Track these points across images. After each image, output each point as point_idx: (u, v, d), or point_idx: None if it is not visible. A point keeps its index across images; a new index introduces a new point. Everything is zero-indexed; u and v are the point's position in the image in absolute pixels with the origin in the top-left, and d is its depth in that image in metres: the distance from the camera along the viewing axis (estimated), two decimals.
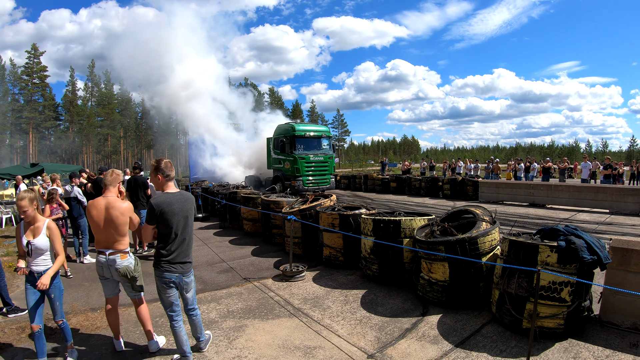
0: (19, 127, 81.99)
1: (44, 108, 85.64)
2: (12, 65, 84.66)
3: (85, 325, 6.06)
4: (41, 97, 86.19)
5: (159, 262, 4.60)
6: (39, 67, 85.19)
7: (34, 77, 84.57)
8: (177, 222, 4.63)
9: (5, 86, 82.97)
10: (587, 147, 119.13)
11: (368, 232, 7.55)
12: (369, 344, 5.20)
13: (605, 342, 4.93)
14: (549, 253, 4.93)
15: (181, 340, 4.68)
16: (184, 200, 4.76)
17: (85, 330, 5.86)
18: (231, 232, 13.44)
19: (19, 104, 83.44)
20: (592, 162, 23.13)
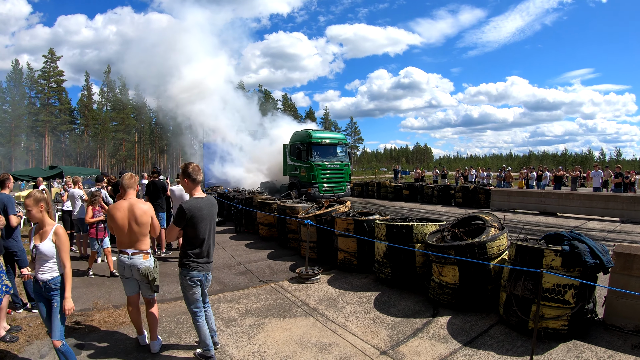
0: (35, 130, 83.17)
1: (60, 112, 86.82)
2: (29, 69, 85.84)
3: (109, 321, 6.36)
4: (57, 101, 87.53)
5: (188, 262, 4.82)
6: (55, 71, 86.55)
7: (51, 81, 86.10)
8: (205, 226, 4.91)
9: (22, 89, 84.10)
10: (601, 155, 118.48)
11: (382, 236, 7.82)
12: (381, 342, 5.48)
13: (608, 343, 5.13)
14: (554, 257, 5.18)
15: (205, 335, 4.92)
16: (211, 205, 5.02)
17: (109, 327, 6.14)
18: (247, 236, 13.74)
19: (35, 107, 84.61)
20: (604, 170, 23.12)
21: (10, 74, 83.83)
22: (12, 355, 5.23)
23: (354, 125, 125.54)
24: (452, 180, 35.59)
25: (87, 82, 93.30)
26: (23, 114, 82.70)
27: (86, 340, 5.63)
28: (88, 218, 9.27)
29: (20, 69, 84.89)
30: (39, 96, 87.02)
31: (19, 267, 6.87)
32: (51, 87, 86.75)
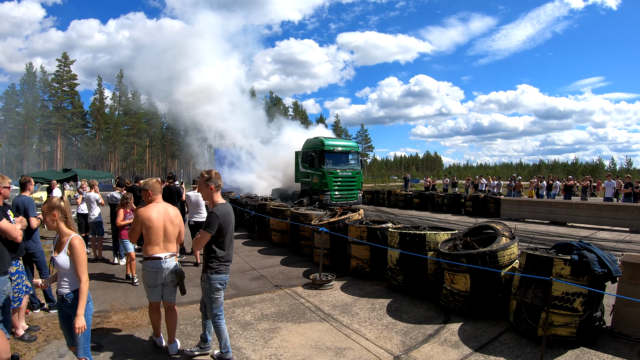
0: (47, 133, 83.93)
1: (73, 115, 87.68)
2: (43, 73, 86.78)
3: (126, 323, 6.56)
4: (70, 104, 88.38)
5: (218, 266, 5.01)
6: (69, 75, 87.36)
7: (64, 85, 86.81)
8: (231, 230, 5.13)
9: (35, 92, 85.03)
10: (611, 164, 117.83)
11: (395, 244, 7.99)
12: (394, 347, 5.64)
13: (615, 350, 5.27)
14: (563, 266, 5.34)
15: (226, 338, 5.11)
16: (232, 211, 5.23)
17: (126, 329, 6.34)
18: (259, 242, 13.92)
19: (48, 110, 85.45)
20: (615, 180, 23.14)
21: (24, 76, 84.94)
22: (31, 354, 5.42)
23: (364, 133, 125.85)
24: (462, 189, 35.70)
25: (100, 86, 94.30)
26: (36, 117, 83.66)
27: (104, 341, 5.84)
28: (119, 220, 9.29)
29: (34, 72, 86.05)
30: (52, 99, 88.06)
31: (38, 268, 7.11)
32: (64, 90, 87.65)
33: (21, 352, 5.33)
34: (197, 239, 4.95)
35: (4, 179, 5.74)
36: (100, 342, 5.78)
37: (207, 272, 5.01)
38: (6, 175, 6.20)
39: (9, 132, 78.99)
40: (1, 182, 5.52)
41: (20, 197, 6.89)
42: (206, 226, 4.89)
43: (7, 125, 78.50)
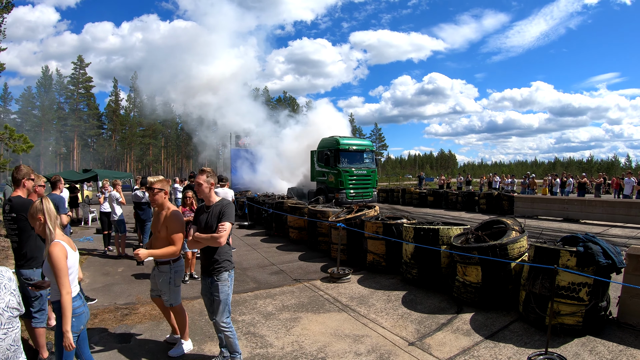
0: (63, 134, 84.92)
1: (88, 117, 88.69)
2: (59, 75, 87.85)
3: (154, 314, 6.93)
4: (86, 106, 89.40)
5: (232, 262, 4.96)
6: (84, 77, 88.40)
7: (80, 87, 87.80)
8: None
9: (52, 95, 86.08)
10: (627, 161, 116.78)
11: (409, 239, 8.30)
12: (409, 334, 5.97)
13: (620, 339, 5.52)
14: (569, 257, 5.62)
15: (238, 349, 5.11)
16: None
17: (153, 319, 6.73)
18: (277, 239, 14.30)
19: (64, 112, 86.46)
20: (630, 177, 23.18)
21: (41, 79, 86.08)
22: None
23: (378, 132, 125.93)
24: (476, 187, 35.79)
25: (115, 88, 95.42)
26: (52, 119, 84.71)
27: (133, 330, 6.23)
28: None
29: (50, 75, 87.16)
30: (68, 101, 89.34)
31: None
32: (80, 92, 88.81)
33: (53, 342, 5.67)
34: (224, 232, 4.59)
35: (39, 178, 6.07)
36: (130, 332, 6.15)
37: (224, 270, 4.81)
38: None
39: (26, 134, 79.87)
40: (36, 181, 5.84)
41: (51, 195, 7.26)
42: (229, 217, 4.76)
43: (24, 127, 79.48)
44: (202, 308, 7.06)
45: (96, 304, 7.39)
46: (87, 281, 8.77)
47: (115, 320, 6.56)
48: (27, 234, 4.95)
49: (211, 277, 4.77)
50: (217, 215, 4.75)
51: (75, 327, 3.83)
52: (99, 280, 9.12)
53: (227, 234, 4.68)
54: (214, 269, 4.76)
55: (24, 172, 5.25)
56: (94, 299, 7.59)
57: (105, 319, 6.61)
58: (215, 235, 4.61)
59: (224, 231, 4.64)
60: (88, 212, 19.89)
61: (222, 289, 4.75)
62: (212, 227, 4.73)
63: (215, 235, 4.61)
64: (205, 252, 4.85)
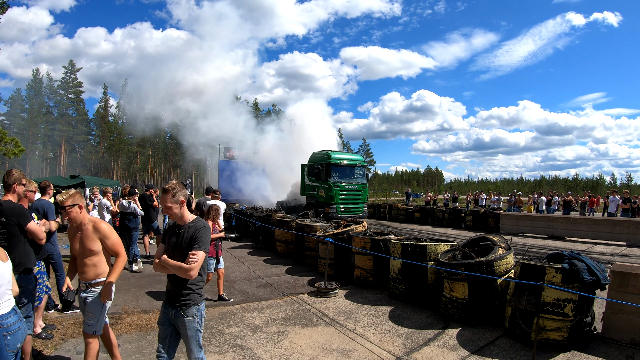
0: (51, 139, 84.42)
1: (77, 122, 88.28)
2: (49, 79, 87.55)
3: (140, 324, 6.92)
4: (75, 111, 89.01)
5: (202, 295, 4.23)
6: (75, 82, 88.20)
7: (70, 92, 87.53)
8: None
9: (41, 98, 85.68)
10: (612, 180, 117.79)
11: (397, 254, 8.35)
12: (397, 349, 6.00)
13: (604, 354, 5.61)
14: (554, 274, 5.71)
15: None
16: None
17: (140, 329, 6.70)
18: (264, 252, 14.28)
19: (52, 116, 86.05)
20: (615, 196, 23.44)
21: (31, 82, 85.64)
22: (49, 351, 5.77)
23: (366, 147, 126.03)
24: (462, 204, 35.98)
25: (105, 95, 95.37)
26: (40, 122, 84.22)
27: (120, 340, 6.16)
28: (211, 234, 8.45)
29: (40, 78, 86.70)
30: (57, 106, 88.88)
31: (54, 270, 7.43)
32: (70, 97, 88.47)
33: (39, 349, 5.67)
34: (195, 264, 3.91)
35: (30, 183, 6.06)
36: (118, 341, 6.08)
37: (192, 305, 4.08)
38: None
39: (13, 137, 79.38)
40: (27, 186, 5.83)
41: (40, 200, 7.19)
42: (202, 244, 4.03)
43: (11, 129, 78.83)
44: None
45: (81, 314, 7.35)
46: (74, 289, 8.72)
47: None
48: (16, 239, 4.94)
49: (176, 310, 4.06)
50: (188, 240, 4.04)
51: (11, 345, 3.54)
52: None
53: (199, 265, 3.96)
54: (181, 302, 4.06)
55: (15, 177, 5.25)
56: (79, 307, 7.55)
57: None
58: (184, 266, 3.90)
59: (195, 262, 3.91)
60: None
61: (189, 325, 4.07)
62: (182, 253, 4.04)
63: (185, 266, 3.90)
64: (172, 280, 4.15)
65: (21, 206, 5.21)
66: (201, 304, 4.17)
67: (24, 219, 5.02)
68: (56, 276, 7.52)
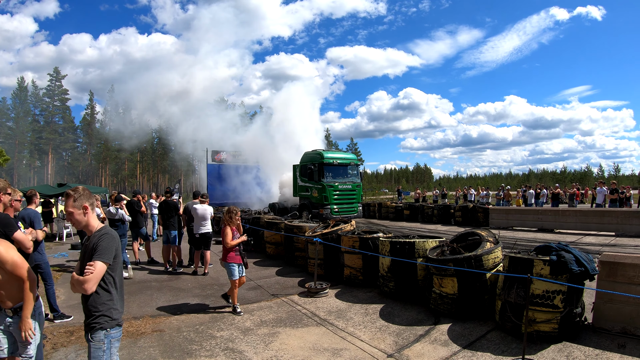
0: (38, 147, 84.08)
1: (64, 130, 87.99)
2: (34, 87, 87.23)
3: (130, 331, 6.86)
4: (61, 119, 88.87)
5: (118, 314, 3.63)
6: (60, 90, 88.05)
7: (56, 100, 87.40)
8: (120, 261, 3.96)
9: (27, 107, 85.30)
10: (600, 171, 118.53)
11: (385, 252, 8.34)
12: (388, 347, 5.98)
13: (596, 344, 5.61)
14: (543, 266, 5.72)
15: None
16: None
17: (131, 336, 6.64)
18: (254, 255, 14.15)
19: (39, 124, 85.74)
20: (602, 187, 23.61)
21: (16, 91, 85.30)
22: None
23: (354, 147, 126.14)
24: (452, 200, 36.13)
25: (91, 101, 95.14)
26: (27, 131, 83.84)
27: None
28: (229, 240, 7.95)
29: (25, 86, 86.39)
30: (43, 114, 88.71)
31: (43, 279, 7.35)
32: (55, 105, 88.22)
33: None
34: (90, 275, 3.35)
35: (15, 192, 6.00)
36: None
37: (99, 328, 3.45)
38: None
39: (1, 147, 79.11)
40: (13, 195, 5.77)
41: (27, 210, 7.14)
42: (101, 254, 3.44)
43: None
44: (179, 324, 7.12)
45: (72, 322, 7.30)
46: (63, 298, 8.64)
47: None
48: None
49: (85, 333, 3.53)
50: (90, 251, 3.51)
51: None
52: (75, 297, 8.91)
53: (95, 277, 3.38)
54: (88, 324, 3.48)
55: (0, 187, 5.19)
56: (70, 316, 7.49)
57: (82, 337, 6.44)
58: (79, 278, 3.36)
59: (91, 273, 3.35)
60: (63, 228, 19.65)
61: (94, 353, 3.45)
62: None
63: (80, 278, 3.36)
64: (82, 300, 3.59)
65: (7, 215, 5.15)
66: (113, 329, 3.52)
67: (11, 228, 4.96)
68: (45, 285, 7.43)
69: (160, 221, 12.32)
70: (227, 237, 7.93)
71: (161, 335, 6.63)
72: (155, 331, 6.79)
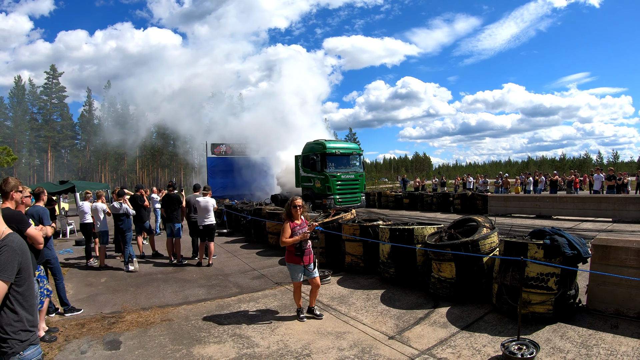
0: (37, 146, 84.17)
1: (62, 127, 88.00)
2: (31, 85, 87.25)
3: (140, 321, 7.07)
4: (59, 116, 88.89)
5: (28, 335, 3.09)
6: (57, 87, 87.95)
7: (53, 97, 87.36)
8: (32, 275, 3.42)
9: (24, 105, 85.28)
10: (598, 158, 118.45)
11: (385, 239, 8.56)
12: (389, 329, 6.22)
13: (589, 324, 5.83)
14: (536, 249, 5.93)
15: None
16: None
17: (141, 326, 6.85)
18: (256, 245, 14.46)
19: (37, 123, 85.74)
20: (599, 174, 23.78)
21: (13, 89, 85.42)
22: (54, 352, 5.90)
23: (352, 137, 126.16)
24: (451, 188, 36.28)
25: (89, 98, 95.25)
26: (25, 130, 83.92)
27: (122, 337, 6.35)
28: (284, 238, 6.97)
29: (22, 85, 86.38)
30: (41, 112, 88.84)
31: (52, 274, 7.52)
32: (53, 103, 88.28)
33: (44, 352, 5.75)
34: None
35: (25, 189, 6.19)
36: (119, 339, 6.28)
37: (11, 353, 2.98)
38: None
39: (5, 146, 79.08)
40: (23, 192, 5.97)
41: (35, 207, 7.27)
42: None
43: None
44: (187, 313, 7.34)
45: (82, 314, 7.51)
46: (71, 292, 8.83)
47: (103, 329, 6.67)
48: None
49: None
50: None
51: None
52: (83, 291, 9.21)
53: None
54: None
55: (12, 185, 5.36)
56: (79, 309, 7.70)
57: (93, 328, 6.72)
58: None
59: None
60: (66, 224, 19.82)
61: None
62: None
63: None
64: None
65: (20, 212, 5.34)
66: (27, 350, 3.07)
67: (23, 224, 5.14)
68: (55, 280, 7.62)
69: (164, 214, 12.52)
70: (283, 234, 6.93)
71: (170, 324, 6.85)
72: (164, 320, 7.01)
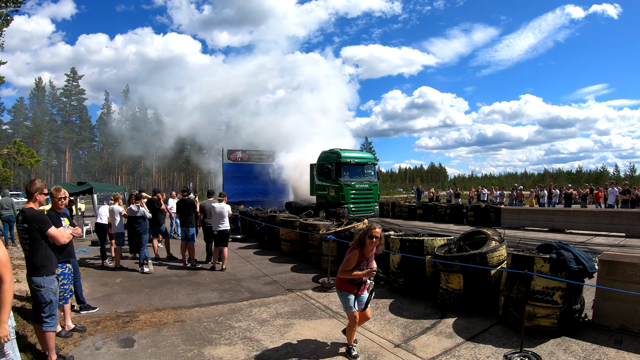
0: (55, 146, 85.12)
1: (81, 129, 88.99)
2: (52, 87, 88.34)
3: (153, 321, 7.27)
4: (78, 118, 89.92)
5: None
6: (77, 89, 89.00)
7: (73, 99, 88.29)
8: None
9: (44, 106, 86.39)
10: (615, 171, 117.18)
11: (396, 249, 8.67)
12: (396, 338, 6.38)
13: (594, 339, 5.89)
14: (543, 263, 6.03)
15: None
16: None
17: (155, 326, 7.05)
18: (269, 252, 14.61)
19: (56, 124, 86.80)
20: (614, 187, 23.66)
21: (34, 90, 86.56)
22: (69, 347, 6.11)
23: (368, 146, 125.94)
24: (465, 199, 36.23)
25: (107, 101, 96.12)
26: (44, 130, 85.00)
27: (136, 336, 6.56)
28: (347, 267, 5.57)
29: (42, 86, 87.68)
30: (60, 113, 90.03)
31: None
32: (73, 104, 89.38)
33: (60, 347, 5.95)
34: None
35: (59, 191, 6.45)
36: (132, 337, 6.48)
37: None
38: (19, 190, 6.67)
39: (29, 148, 79.81)
40: (55, 194, 6.27)
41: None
42: None
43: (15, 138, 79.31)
44: (199, 316, 7.53)
45: (97, 312, 7.75)
46: (87, 291, 9.03)
47: (117, 327, 6.89)
48: (37, 243, 5.26)
49: None
50: None
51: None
52: (98, 290, 9.44)
53: None
54: None
55: (37, 187, 5.56)
56: (95, 307, 7.93)
57: (108, 326, 6.94)
58: None
59: None
60: (82, 225, 20.16)
61: None
62: None
63: None
64: None
65: (42, 213, 5.54)
66: None
67: (45, 225, 5.34)
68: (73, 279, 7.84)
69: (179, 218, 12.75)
70: (347, 264, 5.55)
71: (182, 325, 7.03)
72: (177, 321, 7.19)
